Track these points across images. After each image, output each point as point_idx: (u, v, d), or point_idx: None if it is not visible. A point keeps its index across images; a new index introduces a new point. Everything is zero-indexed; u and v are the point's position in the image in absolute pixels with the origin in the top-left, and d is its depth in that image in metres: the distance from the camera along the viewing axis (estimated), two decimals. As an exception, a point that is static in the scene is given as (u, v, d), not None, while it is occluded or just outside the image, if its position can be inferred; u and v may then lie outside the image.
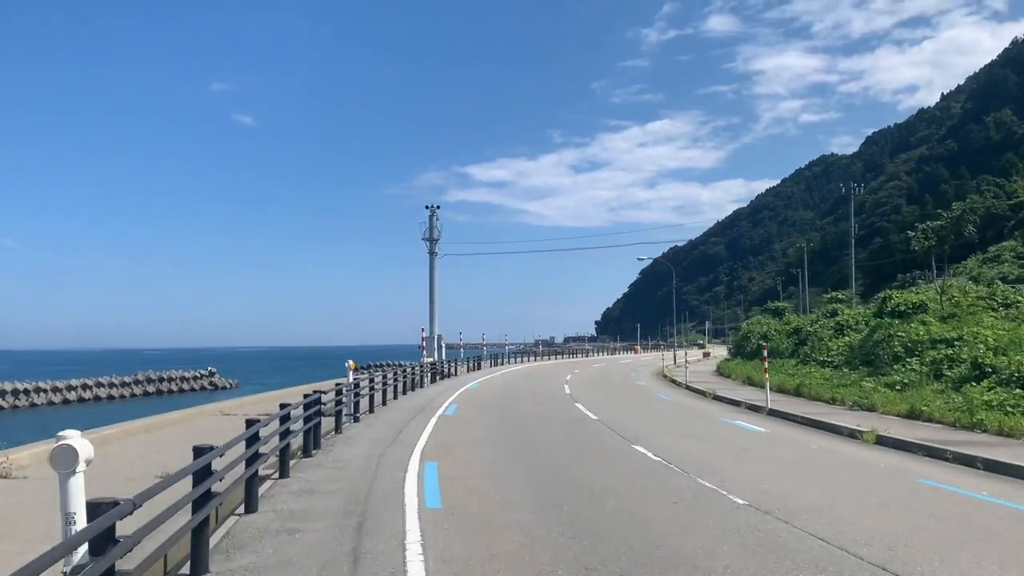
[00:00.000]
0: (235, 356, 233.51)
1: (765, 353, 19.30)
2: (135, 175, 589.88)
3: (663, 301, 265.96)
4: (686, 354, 52.22)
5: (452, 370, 38.07)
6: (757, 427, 16.15)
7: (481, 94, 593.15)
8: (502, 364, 52.08)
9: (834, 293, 37.09)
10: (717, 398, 23.55)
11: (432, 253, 36.25)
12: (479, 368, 45.79)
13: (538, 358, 66.26)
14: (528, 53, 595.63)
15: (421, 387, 29.54)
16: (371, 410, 19.06)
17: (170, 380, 73.44)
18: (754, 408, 19.56)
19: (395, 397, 23.75)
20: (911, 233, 30.76)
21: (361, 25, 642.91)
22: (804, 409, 18.30)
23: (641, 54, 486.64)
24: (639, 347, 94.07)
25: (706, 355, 66.21)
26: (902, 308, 27.21)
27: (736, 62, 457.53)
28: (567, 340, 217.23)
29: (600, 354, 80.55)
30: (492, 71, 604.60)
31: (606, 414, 18.55)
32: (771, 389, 26.74)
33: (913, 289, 32.12)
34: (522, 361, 59.70)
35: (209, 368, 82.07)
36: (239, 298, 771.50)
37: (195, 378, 76.72)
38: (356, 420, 16.86)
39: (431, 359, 32.93)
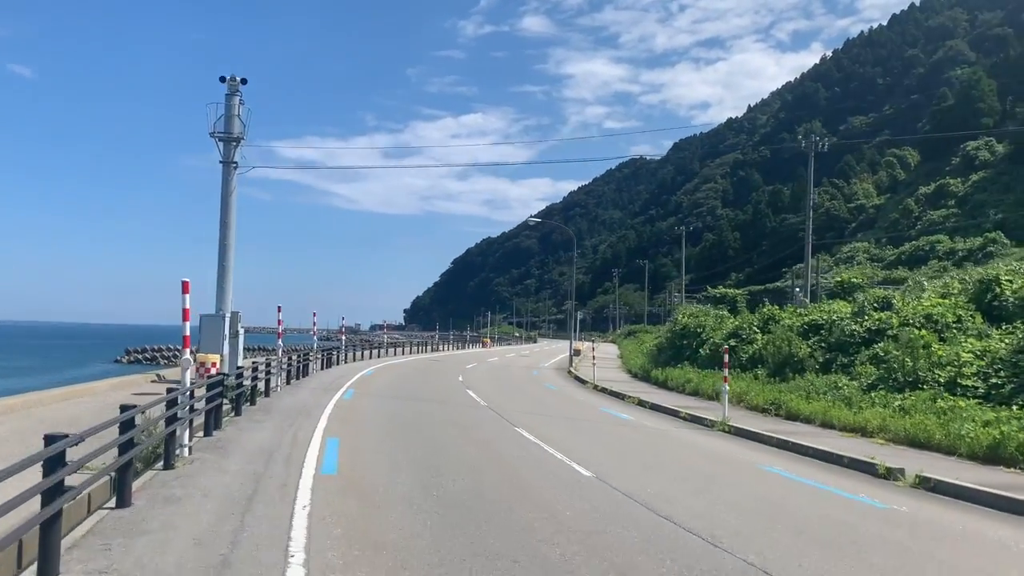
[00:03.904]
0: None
1: None
2: None
3: (475, 292, 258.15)
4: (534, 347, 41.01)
5: (258, 384, 19.66)
6: None
7: (289, 65, 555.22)
8: (337, 364, 37.00)
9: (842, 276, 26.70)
10: (922, 489, 11.33)
11: (229, 162, 18.67)
12: (306, 374, 29.82)
13: (379, 353, 51.50)
14: (342, 30, 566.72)
15: (171, 468, 9.35)
16: None
17: None
18: None
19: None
20: None
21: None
22: None
23: (458, 46, 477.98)
24: (488, 340, 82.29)
25: (577, 353, 55.66)
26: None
27: (548, 64, 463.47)
28: (374, 328, 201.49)
29: (445, 347, 66.62)
30: (301, 43, 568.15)
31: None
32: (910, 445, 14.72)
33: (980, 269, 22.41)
34: (362, 357, 44.75)
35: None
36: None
37: None
38: None
39: (215, 359, 14.21)
